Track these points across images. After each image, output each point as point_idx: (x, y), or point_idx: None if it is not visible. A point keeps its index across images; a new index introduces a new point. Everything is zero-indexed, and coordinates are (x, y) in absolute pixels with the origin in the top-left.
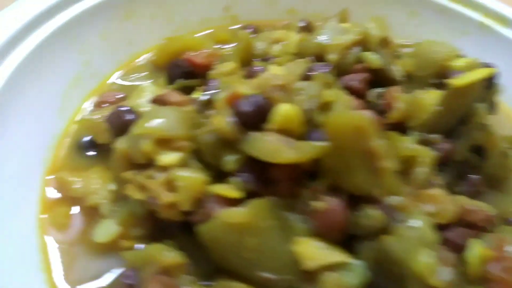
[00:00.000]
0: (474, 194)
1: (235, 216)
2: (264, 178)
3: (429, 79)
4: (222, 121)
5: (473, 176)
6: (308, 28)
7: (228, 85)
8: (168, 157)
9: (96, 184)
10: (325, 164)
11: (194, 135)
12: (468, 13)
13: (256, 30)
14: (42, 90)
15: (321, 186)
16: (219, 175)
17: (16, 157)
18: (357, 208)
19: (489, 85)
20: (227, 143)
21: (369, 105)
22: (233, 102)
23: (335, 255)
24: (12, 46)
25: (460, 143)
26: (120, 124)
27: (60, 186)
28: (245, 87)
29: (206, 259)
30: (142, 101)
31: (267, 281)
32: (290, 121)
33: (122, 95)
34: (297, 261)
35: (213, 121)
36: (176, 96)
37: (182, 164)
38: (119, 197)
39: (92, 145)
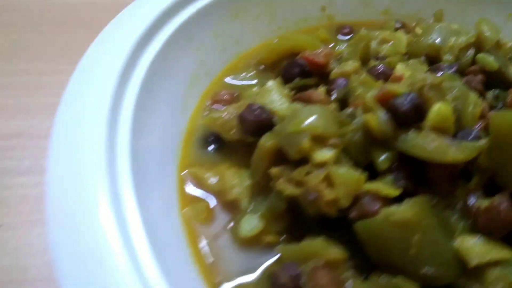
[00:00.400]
0: None
1: (399, 213)
2: (419, 176)
3: None
4: (375, 119)
5: None
6: (404, 28)
7: (363, 82)
8: (324, 154)
9: (233, 179)
10: (481, 162)
11: (343, 132)
12: None
13: (352, 30)
14: (168, 91)
15: (476, 184)
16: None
17: (152, 156)
18: None
19: None
20: (376, 141)
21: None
22: (387, 100)
23: (499, 252)
24: (139, 50)
25: None
26: (255, 121)
27: (196, 181)
28: (399, 86)
29: (357, 254)
30: (271, 99)
31: (430, 277)
32: (445, 120)
33: (237, 94)
34: (460, 257)
35: (365, 119)
36: (320, 95)
37: (336, 162)
38: (257, 192)
39: (218, 142)
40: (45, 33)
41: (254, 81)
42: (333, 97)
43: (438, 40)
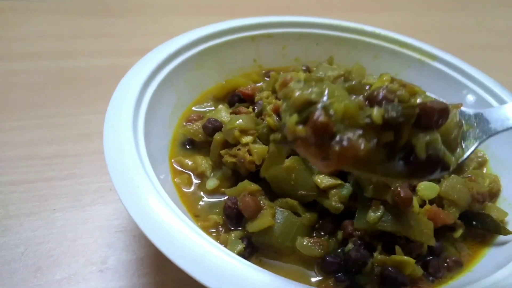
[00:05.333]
0: None
1: (285, 163)
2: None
3: None
4: (272, 120)
5: None
6: (308, 70)
7: (270, 102)
8: (247, 138)
9: (201, 161)
10: None
11: (257, 127)
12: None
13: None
14: (160, 115)
15: None
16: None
17: (156, 150)
18: None
19: None
20: (274, 130)
21: None
22: (277, 110)
23: (335, 180)
24: (142, 92)
25: None
26: (212, 127)
27: (180, 164)
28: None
29: (269, 189)
30: (221, 115)
31: (303, 196)
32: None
33: (201, 115)
34: (317, 184)
35: (267, 120)
36: (244, 109)
37: (253, 142)
38: (215, 166)
39: (191, 143)
40: (66, 88)
41: (212, 108)
42: (255, 111)
43: (320, 74)
